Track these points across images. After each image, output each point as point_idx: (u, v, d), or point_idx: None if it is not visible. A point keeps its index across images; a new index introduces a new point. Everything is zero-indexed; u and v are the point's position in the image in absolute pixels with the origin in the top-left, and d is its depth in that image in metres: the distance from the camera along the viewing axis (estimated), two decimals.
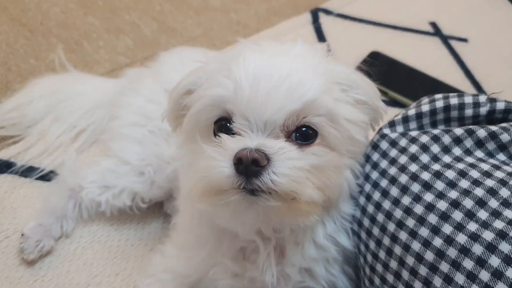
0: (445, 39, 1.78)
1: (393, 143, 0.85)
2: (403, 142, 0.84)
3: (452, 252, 0.70)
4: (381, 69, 0.89)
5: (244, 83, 0.73)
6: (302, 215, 0.75)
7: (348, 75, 0.81)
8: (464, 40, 1.78)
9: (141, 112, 1.17)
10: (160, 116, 0.88)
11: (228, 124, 0.75)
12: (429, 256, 0.72)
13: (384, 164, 0.85)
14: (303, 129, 0.75)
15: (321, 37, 1.73)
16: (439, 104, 0.85)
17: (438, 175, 0.77)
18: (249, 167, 0.69)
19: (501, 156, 0.79)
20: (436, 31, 1.81)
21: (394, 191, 0.80)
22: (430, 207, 0.75)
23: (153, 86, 1.18)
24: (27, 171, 1.25)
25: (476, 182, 0.74)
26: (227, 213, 0.76)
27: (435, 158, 0.80)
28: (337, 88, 0.78)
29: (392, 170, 0.82)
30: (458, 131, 0.81)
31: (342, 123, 0.76)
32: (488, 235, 0.69)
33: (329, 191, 0.77)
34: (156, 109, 1.13)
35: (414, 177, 0.79)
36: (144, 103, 1.17)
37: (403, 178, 0.80)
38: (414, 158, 0.81)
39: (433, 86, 1.58)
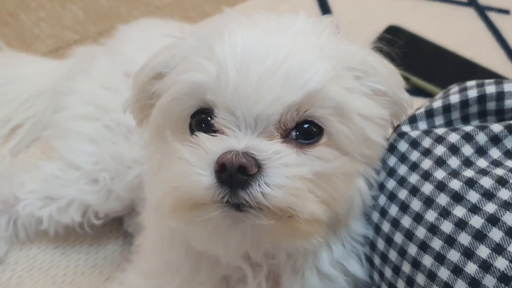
0: (482, 10, 1.80)
1: (414, 144, 0.86)
2: (426, 143, 0.85)
3: (489, 281, 0.71)
4: (400, 48, 0.90)
5: (230, 66, 0.73)
6: (302, 236, 0.76)
7: (364, 58, 0.81)
8: (505, 11, 1.80)
9: (94, 101, 1.17)
10: (120, 106, 0.88)
11: (208, 119, 0.75)
12: (461, 286, 0.73)
13: (403, 170, 0.86)
14: (305, 125, 0.76)
15: (325, 8, 1.74)
16: (472, 93, 0.86)
17: (471, 183, 0.78)
18: (235, 175, 0.69)
19: None
20: (471, 0, 1.83)
21: (416, 205, 0.81)
22: (461, 225, 0.76)
23: (110, 68, 1.19)
24: None
25: None
26: (205, 232, 0.76)
27: (467, 162, 0.82)
28: (349, 75, 0.79)
29: (413, 178, 0.84)
30: (497, 127, 0.82)
31: (355, 120, 0.77)
32: None
33: (336, 205, 0.78)
34: (113, 98, 1.14)
35: (441, 187, 0.80)
36: (98, 90, 1.18)
37: (427, 188, 0.81)
38: (440, 162, 0.82)
39: (465, 69, 1.59)
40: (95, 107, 1.17)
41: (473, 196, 0.77)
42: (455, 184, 0.79)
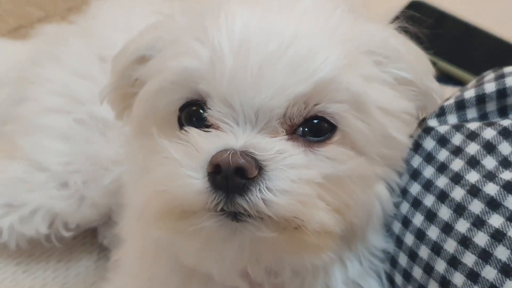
0: None
1: (443, 141, 0.87)
2: (457, 139, 0.86)
3: None
4: (424, 27, 0.90)
5: (226, 50, 0.73)
6: (310, 251, 0.76)
7: (385, 40, 0.81)
8: None
9: (65, 91, 1.17)
10: (95, 96, 0.88)
11: (200, 112, 0.76)
12: None
13: (429, 172, 0.86)
14: (315, 121, 0.76)
15: None
16: (511, 81, 0.86)
17: (510, 188, 0.78)
18: (231, 179, 0.69)
19: None
20: None
21: (445, 213, 0.82)
22: (498, 236, 0.76)
23: (83, 52, 1.19)
24: None
25: None
26: (197, 245, 0.76)
27: (506, 163, 0.82)
28: (368, 60, 0.79)
29: (441, 181, 0.84)
30: None
31: (374, 114, 0.77)
32: None
33: (351, 214, 0.78)
34: (87, 87, 1.14)
35: (474, 192, 0.80)
36: (69, 77, 1.18)
37: (458, 193, 0.81)
38: (473, 163, 0.83)
39: (503, 52, 1.59)
40: (65, 98, 1.17)
41: None
42: (491, 189, 0.79)
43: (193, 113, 0.77)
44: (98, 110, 1.03)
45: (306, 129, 0.76)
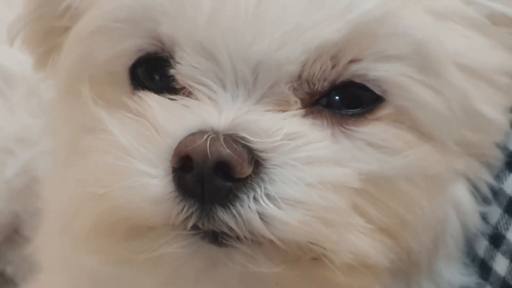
0: None
1: None
2: None
3: None
4: None
5: None
6: None
7: None
8: None
9: None
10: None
11: (166, 67, 0.75)
12: None
13: None
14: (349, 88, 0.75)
15: None
16: None
17: None
18: (209, 180, 0.68)
19: None
20: None
21: None
22: None
23: None
24: None
25: None
26: (155, 281, 0.77)
27: None
28: None
29: None
30: None
31: (450, 77, 0.76)
32: None
33: (410, 237, 0.78)
34: None
35: None
36: None
37: None
38: None
39: None
40: None
41: None
42: None
43: (153, 70, 0.77)
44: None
45: (337, 97, 0.75)
